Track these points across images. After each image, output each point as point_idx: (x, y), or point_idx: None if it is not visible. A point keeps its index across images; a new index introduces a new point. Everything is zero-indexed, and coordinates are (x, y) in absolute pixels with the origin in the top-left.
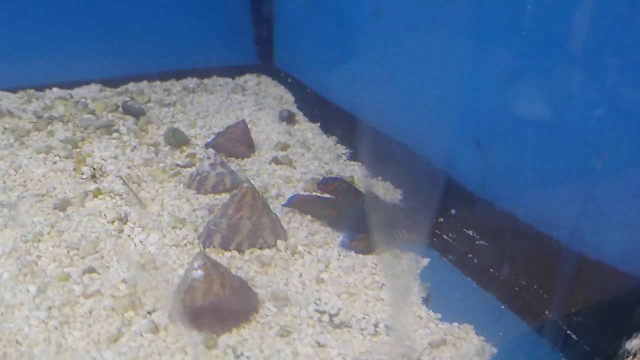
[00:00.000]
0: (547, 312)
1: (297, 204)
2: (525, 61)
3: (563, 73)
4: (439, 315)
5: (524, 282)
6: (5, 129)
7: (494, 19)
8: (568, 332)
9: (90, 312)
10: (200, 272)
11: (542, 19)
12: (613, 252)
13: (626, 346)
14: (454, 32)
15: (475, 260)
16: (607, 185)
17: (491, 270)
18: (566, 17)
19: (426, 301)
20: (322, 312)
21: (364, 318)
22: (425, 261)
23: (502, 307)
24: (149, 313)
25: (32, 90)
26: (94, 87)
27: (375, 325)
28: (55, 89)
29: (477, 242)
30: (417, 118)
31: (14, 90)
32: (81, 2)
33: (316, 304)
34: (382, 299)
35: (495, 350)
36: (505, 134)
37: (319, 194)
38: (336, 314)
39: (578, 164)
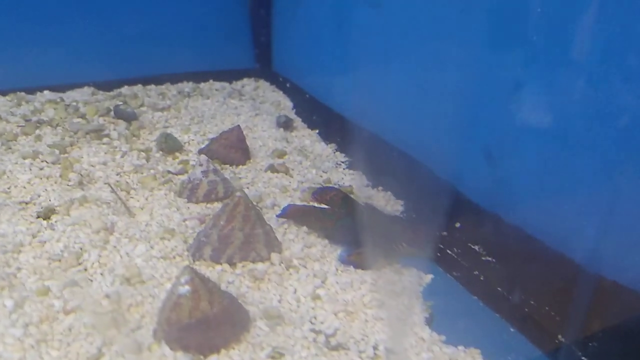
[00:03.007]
0: (560, 337)
1: (292, 214)
2: (538, 70)
3: (580, 83)
4: (443, 338)
5: (534, 303)
6: None
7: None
8: (583, 358)
9: (69, 330)
10: (187, 287)
11: (554, 26)
12: (633, 274)
13: None
14: (458, 39)
15: (482, 278)
16: (628, 202)
17: (499, 289)
18: (578, 25)
19: (429, 321)
20: (318, 332)
21: (362, 339)
22: (428, 277)
23: (512, 329)
24: (133, 331)
25: (22, 93)
26: (86, 90)
27: (375, 348)
28: (46, 92)
29: (484, 259)
30: (420, 126)
31: (3, 93)
32: (76, 3)
33: (311, 323)
34: (382, 319)
35: None
36: (517, 146)
37: (314, 205)
38: (333, 335)
39: (596, 178)
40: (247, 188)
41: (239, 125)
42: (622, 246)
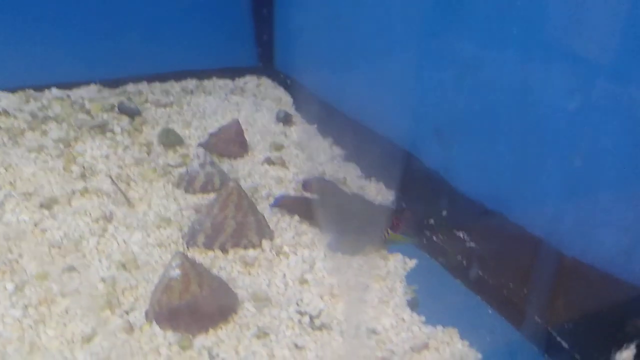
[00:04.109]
0: (536, 317)
1: (284, 204)
2: (488, 48)
3: (533, 59)
4: (423, 319)
5: (512, 285)
6: (0, 128)
7: None
8: (558, 339)
9: (66, 311)
10: (177, 271)
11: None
12: (608, 257)
13: (616, 358)
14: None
15: (464, 262)
16: (598, 184)
17: (479, 272)
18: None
19: (411, 304)
20: (303, 314)
21: (345, 320)
22: (412, 262)
23: (490, 310)
24: (126, 312)
25: (31, 91)
26: (92, 88)
27: (357, 328)
28: (54, 90)
29: (467, 244)
30: (411, 120)
31: (13, 90)
32: (83, 3)
33: (298, 305)
34: (365, 301)
35: (479, 355)
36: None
37: (306, 195)
38: (317, 316)
39: (563, 163)
40: (244, 180)
41: (237, 120)
42: (595, 231)
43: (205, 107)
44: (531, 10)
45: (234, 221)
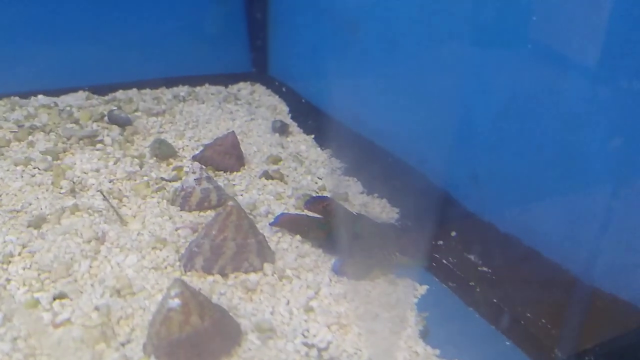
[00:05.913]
0: (556, 350)
1: (284, 223)
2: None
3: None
4: (437, 352)
5: (530, 315)
6: None
7: None
8: None
9: (58, 344)
10: (177, 301)
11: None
12: (631, 287)
13: None
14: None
15: (478, 289)
16: (625, 214)
17: (494, 300)
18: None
19: (423, 334)
20: (310, 346)
21: (355, 353)
22: (423, 288)
23: (507, 342)
24: (122, 345)
25: (16, 98)
26: (80, 95)
27: None
28: (40, 97)
29: (480, 269)
30: (416, 132)
31: None
32: (70, 7)
33: (304, 336)
34: (375, 332)
35: None
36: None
37: (307, 214)
38: (325, 348)
39: (591, 196)
40: (241, 195)
41: (233, 132)
42: (619, 260)
43: (198, 115)
44: None
45: (234, 243)
